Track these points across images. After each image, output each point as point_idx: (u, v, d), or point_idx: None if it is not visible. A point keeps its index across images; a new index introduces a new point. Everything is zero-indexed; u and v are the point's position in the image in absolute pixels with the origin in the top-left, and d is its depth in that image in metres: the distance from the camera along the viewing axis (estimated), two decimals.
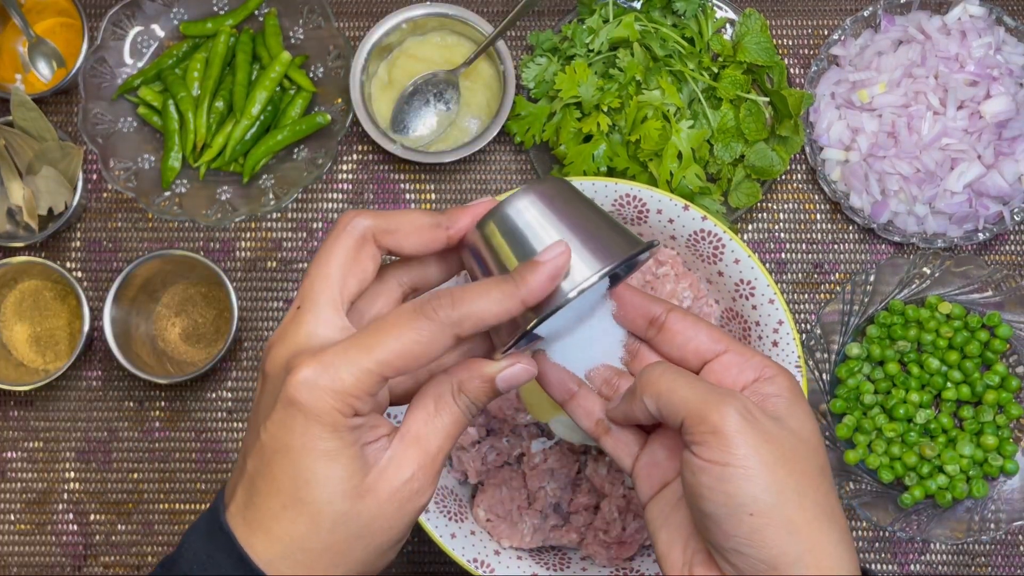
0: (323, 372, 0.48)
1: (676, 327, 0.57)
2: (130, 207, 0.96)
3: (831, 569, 0.50)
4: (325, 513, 0.49)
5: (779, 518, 0.50)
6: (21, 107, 0.89)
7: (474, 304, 0.50)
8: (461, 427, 0.53)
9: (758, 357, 0.55)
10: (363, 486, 0.49)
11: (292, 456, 0.49)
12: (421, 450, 0.51)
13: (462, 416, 0.53)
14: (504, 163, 0.96)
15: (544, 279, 0.51)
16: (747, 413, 0.51)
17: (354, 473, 0.49)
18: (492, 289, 0.50)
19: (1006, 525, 0.88)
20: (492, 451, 0.82)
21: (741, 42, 0.90)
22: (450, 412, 0.52)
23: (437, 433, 0.52)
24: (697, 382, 0.53)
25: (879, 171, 0.90)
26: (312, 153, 0.93)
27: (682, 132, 0.87)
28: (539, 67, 0.91)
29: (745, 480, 0.50)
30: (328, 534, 0.49)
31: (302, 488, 0.49)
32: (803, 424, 0.53)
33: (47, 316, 0.93)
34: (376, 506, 0.50)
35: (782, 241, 0.95)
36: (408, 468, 0.50)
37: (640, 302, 0.58)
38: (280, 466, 0.49)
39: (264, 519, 0.49)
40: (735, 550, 0.50)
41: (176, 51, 0.94)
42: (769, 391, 0.54)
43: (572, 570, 0.80)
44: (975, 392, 0.89)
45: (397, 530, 0.51)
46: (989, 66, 0.89)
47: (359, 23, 0.98)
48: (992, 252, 0.95)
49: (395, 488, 0.50)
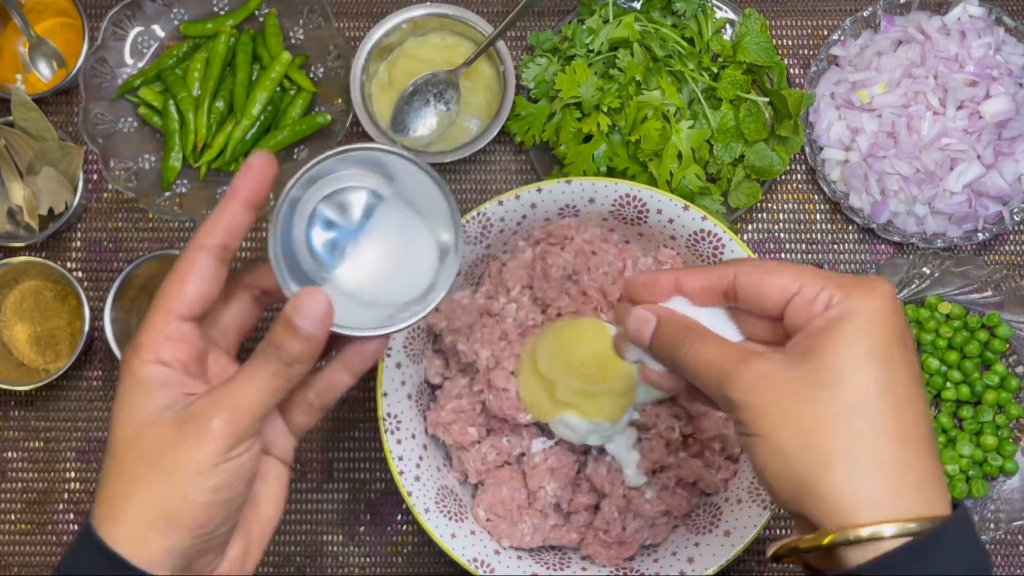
0: (136, 342, 0.55)
1: (746, 287, 0.56)
2: (130, 207, 0.96)
3: (902, 512, 0.48)
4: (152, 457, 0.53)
5: (823, 478, 0.49)
6: (21, 107, 0.90)
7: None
8: (270, 381, 0.56)
9: (831, 280, 0.53)
10: (175, 427, 0.54)
11: (119, 416, 0.55)
12: (228, 405, 0.55)
13: (270, 369, 0.56)
14: (504, 163, 0.97)
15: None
16: (759, 378, 0.51)
17: (165, 408, 0.54)
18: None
19: (1006, 525, 0.88)
20: (492, 451, 0.82)
21: (741, 42, 0.90)
22: (258, 366, 0.56)
23: (244, 389, 0.55)
24: (712, 349, 0.55)
25: (879, 171, 0.90)
26: (312, 153, 0.93)
27: (682, 132, 0.87)
28: (539, 67, 0.92)
29: (777, 453, 0.50)
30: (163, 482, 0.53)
31: (133, 448, 0.54)
32: (842, 350, 0.51)
33: (48, 316, 0.93)
34: (185, 444, 0.53)
35: (782, 241, 0.95)
36: (214, 414, 0.54)
37: (703, 283, 0.58)
38: (112, 430, 0.55)
39: (115, 499, 0.53)
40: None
41: (176, 51, 0.94)
42: (819, 323, 0.52)
43: (572, 570, 0.80)
44: (974, 392, 0.89)
45: (209, 471, 0.54)
46: (989, 66, 0.90)
47: (359, 23, 0.98)
48: (992, 252, 0.95)
49: (202, 432, 0.53)
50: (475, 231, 0.80)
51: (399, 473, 0.78)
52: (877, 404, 0.50)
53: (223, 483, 0.53)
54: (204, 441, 0.53)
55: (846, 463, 0.49)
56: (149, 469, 0.53)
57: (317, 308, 0.55)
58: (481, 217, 0.80)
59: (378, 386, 0.79)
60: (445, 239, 0.61)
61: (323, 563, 0.92)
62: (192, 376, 0.56)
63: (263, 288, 0.61)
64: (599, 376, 0.76)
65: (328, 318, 0.56)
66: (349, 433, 0.93)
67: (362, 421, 0.93)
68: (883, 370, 0.50)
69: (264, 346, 0.56)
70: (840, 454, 0.49)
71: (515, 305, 0.82)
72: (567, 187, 0.80)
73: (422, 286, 0.60)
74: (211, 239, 0.56)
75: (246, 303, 0.61)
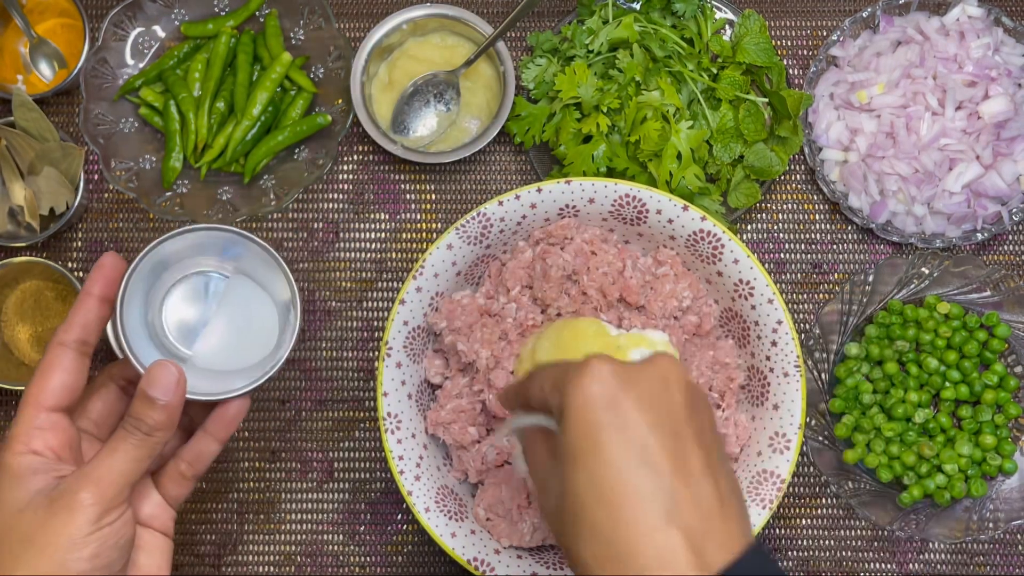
0: (8, 435, 0.60)
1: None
2: (131, 207, 0.96)
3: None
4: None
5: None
6: (22, 108, 0.90)
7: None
8: (132, 451, 0.60)
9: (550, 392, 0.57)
10: (44, 508, 0.58)
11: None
12: (94, 477, 0.59)
13: (131, 441, 0.60)
14: (504, 163, 0.97)
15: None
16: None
17: (38, 492, 0.58)
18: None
19: (1005, 524, 0.88)
20: (492, 450, 0.82)
21: (740, 43, 0.91)
22: (120, 439, 0.61)
23: (107, 461, 0.60)
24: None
25: (878, 171, 0.90)
26: (313, 154, 0.93)
27: (681, 133, 0.87)
28: (539, 68, 0.92)
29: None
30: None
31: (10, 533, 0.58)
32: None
33: (48, 316, 0.93)
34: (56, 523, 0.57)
35: (781, 241, 0.96)
36: (80, 487, 0.58)
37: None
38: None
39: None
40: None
41: (177, 52, 0.94)
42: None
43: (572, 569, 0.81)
44: (973, 392, 0.90)
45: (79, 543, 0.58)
46: (987, 67, 0.90)
47: (360, 24, 0.98)
48: (990, 252, 0.95)
49: (71, 505, 0.57)
50: (475, 231, 0.80)
51: (399, 473, 0.78)
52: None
53: (97, 551, 0.58)
54: (74, 513, 0.57)
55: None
56: (25, 549, 0.57)
57: (169, 378, 0.60)
58: (481, 217, 0.80)
59: (378, 386, 0.79)
60: (285, 298, 0.68)
61: (323, 563, 0.92)
62: (65, 462, 0.60)
63: (127, 378, 0.66)
64: None
65: (181, 386, 0.61)
66: (349, 433, 0.93)
67: (362, 421, 0.93)
68: (583, 464, 0.52)
69: (125, 421, 0.61)
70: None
71: (515, 305, 0.82)
72: (567, 187, 0.80)
73: (270, 345, 0.68)
74: (69, 335, 0.62)
75: (113, 394, 0.66)
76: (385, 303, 0.95)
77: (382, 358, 0.79)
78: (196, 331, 0.67)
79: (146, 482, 0.66)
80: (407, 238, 0.96)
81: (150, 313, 0.67)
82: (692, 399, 0.54)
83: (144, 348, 0.64)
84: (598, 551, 0.51)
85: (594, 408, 0.52)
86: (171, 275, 0.68)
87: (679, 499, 0.50)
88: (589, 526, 0.51)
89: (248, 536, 0.92)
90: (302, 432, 0.93)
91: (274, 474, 0.93)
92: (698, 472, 0.52)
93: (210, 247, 0.68)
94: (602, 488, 0.51)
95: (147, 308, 0.66)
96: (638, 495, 0.50)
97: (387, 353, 0.79)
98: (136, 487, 0.63)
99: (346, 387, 0.94)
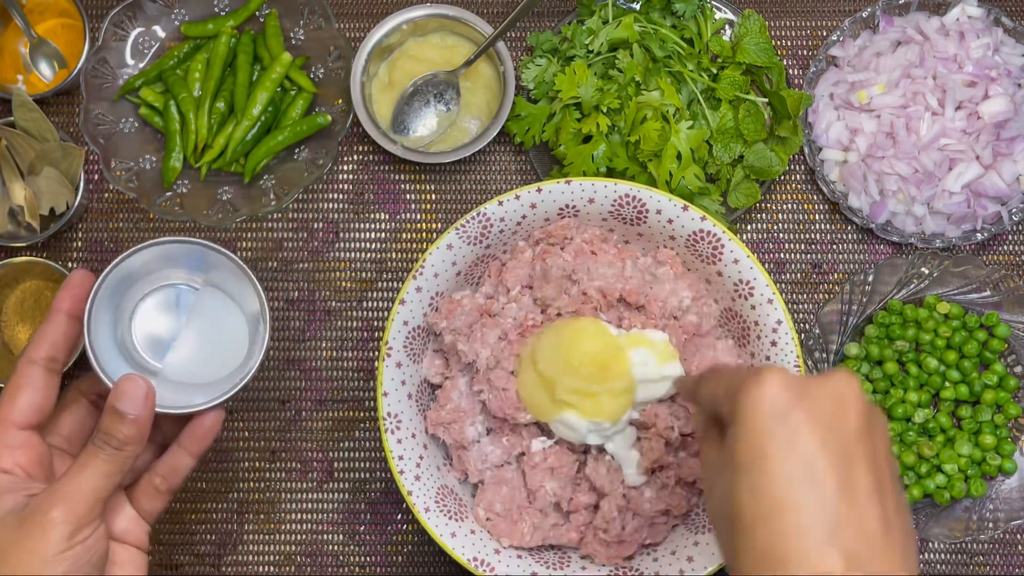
0: None
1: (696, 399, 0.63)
2: (131, 207, 0.96)
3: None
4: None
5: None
6: (23, 108, 0.90)
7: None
8: (103, 467, 0.60)
9: (727, 388, 0.58)
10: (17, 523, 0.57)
11: None
12: (64, 494, 0.59)
13: (102, 456, 0.60)
14: (504, 163, 0.97)
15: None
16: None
17: (9, 512, 0.58)
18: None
19: (1004, 524, 0.88)
20: (492, 450, 0.82)
21: (740, 43, 0.91)
22: (90, 455, 0.60)
23: (78, 478, 0.59)
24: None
25: (878, 171, 0.91)
26: (313, 154, 0.93)
27: (681, 133, 0.87)
28: (539, 68, 0.92)
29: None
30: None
31: None
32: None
33: None
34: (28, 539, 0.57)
35: (781, 241, 0.96)
36: (51, 506, 0.58)
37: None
38: None
39: None
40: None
41: (177, 52, 0.94)
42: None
43: (572, 569, 0.81)
44: (973, 392, 0.90)
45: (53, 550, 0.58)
46: (987, 67, 0.90)
47: (360, 24, 0.98)
48: (990, 252, 0.95)
49: (43, 524, 0.57)
50: (475, 231, 0.80)
51: (399, 472, 0.78)
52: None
53: (70, 569, 0.57)
54: (46, 532, 0.57)
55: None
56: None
57: (137, 392, 0.60)
58: (481, 217, 0.80)
59: (378, 386, 0.79)
60: (255, 310, 0.68)
61: (323, 563, 0.92)
62: (36, 480, 0.60)
63: (98, 393, 0.66)
64: (599, 376, 0.77)
65: (150, 399, 0.60)
66: (349, 433, 0.93)
67: (362, 421, 0.93)
68: (761, 473, 0.51)
69: (94, 436, 0.60)
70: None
71: (515, 305, 0.82)
72: (567, 187, 0.80)
73: (240, 357, 0.68)
74: (39, 352, 0.62)
75: (84, 409, 0.66)
76: (385, 303, 0.95)
77: (382, 358, 0.79)
78: (166, 344, 0.67)
79: (119, 497, 0.66)
80: (407, 238, 0.96)
81: (119, 327, 0.66)
82: (867, 419, 0.53)
83: (113, 362, 0.64)
84: (757, 562, 0.50)
85: (764, 418, 0.51)
86: (140, 288, 0.67)
87: (842, 520, 0.49)
88: (749, 536, 0.50)
89: (248, 536, 0.92)
90: (302, 432, 0.93)
91: (274, 474, 0.93)
92: (865, 495, 0.50)
93: (180, 259, 0.67)
94: (764, 500, 0.50)
95: (116, 322, 0.66)
96: (800, 511, 0.49)
97: (387, 353, 0.79)
98: (109, 502, 0.62)
99: (346, 387, 0.94)
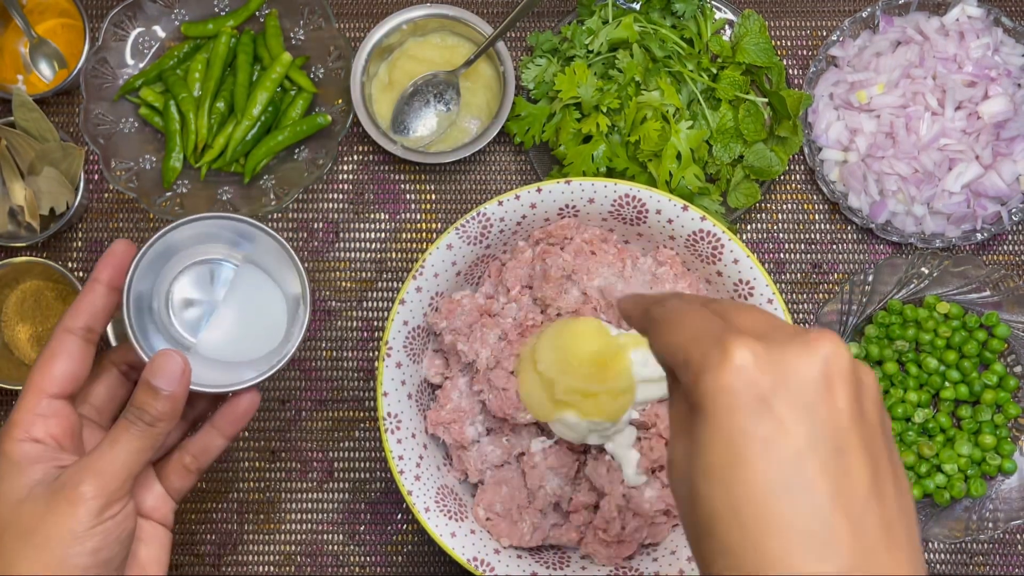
0: (9, 421, 0.59)
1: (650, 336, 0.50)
2: (131, 207, 0.96)
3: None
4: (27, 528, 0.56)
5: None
6: (23, 108, 0.90)
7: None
8: (135, 442, 0.59)
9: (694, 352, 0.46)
10: (47, 497, 0.57)
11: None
12: (95, 469, 0.58)
13: (134, 431, 0.59)
14: (504, 163, 0.97)
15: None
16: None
17: (39, 483, 0.57)
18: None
19: (1004, 524, 0.88)
20: (492, 450, 0.82)
21: (740, 43, 0.91)
22: (122, 429, 0.59)
23: (109, 453, 0.59)
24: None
25: (877, 171, 0.91)
26: (313, 154, 0.93)
27: (681, 133, 0.87)
28: (539, 68, 0.92)
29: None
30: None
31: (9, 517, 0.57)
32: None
33: (49, 316, 0.93)
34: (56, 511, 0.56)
35: (781, 241, 0.96)
36: (82, 480, 0.57)
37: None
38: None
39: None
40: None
41: (177, 52, 0.94)
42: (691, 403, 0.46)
43: (572, 569, 0.81)
44: (973, 391, 0.90)
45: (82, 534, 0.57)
46: (987, 67, 0.90)
47: (360, 24, 0.98)
48: (990, 252, 0.95)
49: (73, 498, 0.56)
50: (475, 231, 0.80)
51: (399, 472, 0.78)
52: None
53: (99, 545, 0.56)
54: (75, 507, 0.56)
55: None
56: (25, 543, 0.56)
57: (174, 367, 0.59)
58: (481, 217, 0.80)
59: (378, 386, 0.79)
60: (295, 292, 0.67)
61: (323, 563, 0.92)
62: (66, 451, 0.59)
63: (129, 363, 0.65)
64: (599, 376, 0.77)
65: (186, 376, 0.60)
66: (349, 433, 0.93)
67: (362, 421, 0.93)
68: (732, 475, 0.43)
69: (127, 410, 0.59)
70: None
71: (515, 305, 0.82)
72: (567, 187, 0.80)
73: (278, 339, 0.67)
74: (76, 321, 0.61)
75: (115, 379, 0.65)
76: (385, 303, 0.95)
77: (382, 358, 0.79)
78: (202, 320, 0.66)
79: (148, 473, 0.65)
80: (407, 238, 0.96)
81: (156, 300, 0.65)
82: (857, 392, 0.44)
83: (150, 336, 0.63)
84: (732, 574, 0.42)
85: (738, 414, 0.42)
86: (179, 261, 0.66)
87: (838, 534, 0.41)
88: (730, 557, 0.42)
89: (248, 536, 0.92)
90: (302, 432, 0.93)
91: (274, 474, 0.93)
92: (863, 496, 0.42)
93: (220, 237, 0.66)
94: (744, 515, 0.42)
95: (153, 295, 0.65)
96: (787, 527, 0.41)
97: (387, 353, 0.79)
98: (138, 478, 0.62)
99: (346, 387, 0.94)
